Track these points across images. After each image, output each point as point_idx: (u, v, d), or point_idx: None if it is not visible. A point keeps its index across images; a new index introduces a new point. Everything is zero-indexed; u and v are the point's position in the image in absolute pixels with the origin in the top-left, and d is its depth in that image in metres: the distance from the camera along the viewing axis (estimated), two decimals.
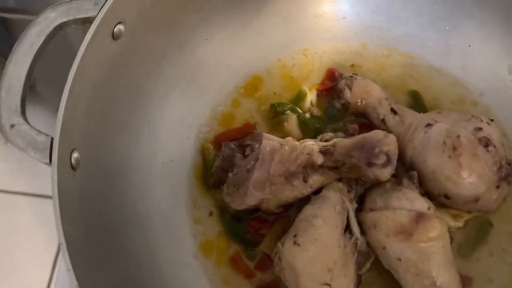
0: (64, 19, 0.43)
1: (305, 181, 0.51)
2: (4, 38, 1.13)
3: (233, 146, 0.54)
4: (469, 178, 0.49)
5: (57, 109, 0.40)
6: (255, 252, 0.54)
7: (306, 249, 0.47)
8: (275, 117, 0.59)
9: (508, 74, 0.60)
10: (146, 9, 0.49)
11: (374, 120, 0.56)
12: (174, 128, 0.57)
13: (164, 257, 0.52)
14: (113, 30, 0.46)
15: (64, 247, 0.36)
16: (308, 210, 0.51)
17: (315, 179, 0.51)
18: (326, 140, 0.53)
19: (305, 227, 0.49)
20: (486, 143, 0.50)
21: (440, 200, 0.52)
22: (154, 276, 0.50)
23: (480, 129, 0.51)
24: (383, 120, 0.55)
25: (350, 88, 0.56)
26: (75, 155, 0.42)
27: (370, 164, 0.48)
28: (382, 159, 0.48)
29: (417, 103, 0.60)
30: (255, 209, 0.54)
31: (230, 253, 0.55)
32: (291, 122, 0.59)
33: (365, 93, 0.56)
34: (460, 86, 0.61)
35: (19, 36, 1.16)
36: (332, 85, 0.60)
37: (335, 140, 0.52)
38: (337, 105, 0.58)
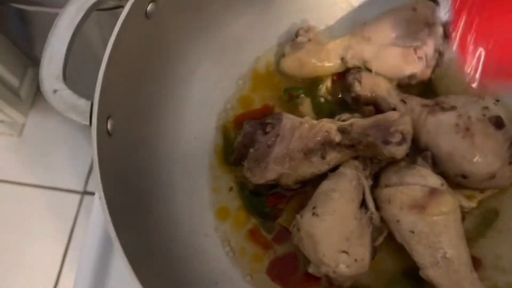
0: None
1: (322, 157, 0.54)
2: (21, 31, 1.16)
3: (255, 124, 0.57)
4: (484, 157, 0.51)
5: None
6: (273, 226, 0.57)
7: (325, 219, 0.50)
8: (289, 101, 0.62)
9: None
10: None
11: (386, 110, 0.58)
12: (197, 106, 0.60)
13: (186, 226, 0.55)
14: (147, 9, 0.48)
15: (103, 200, 0.39)
16: (325, 184, 0.53)
17: (333, 156, 0.54)
18: (343, 120, 0.55)
19: (324, 199, 0.51)
20: (496, 121, 0.52)
21: (457, 180, 0.53)
22: (177, 243, 0.53)
23: (487, 108, 0.53)
24: (394, 109, 0.57)
25: (359, 82, 0.58)
26: (111, 121, 0.45)
27: (386, 142, 0.51)
28: (397, 138, 0.51)
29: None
30: (274, 185, 0.57)
31: (249, 226, 0.57)
32: (306, 105, 0.61)
33: (375, 84, 0.59)
34: None
35: (35, 28, 1.19)
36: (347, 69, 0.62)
37: (352, 119, 0.54)
38: (348, 99, 0.60)
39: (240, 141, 0.57)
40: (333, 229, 0.49)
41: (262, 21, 0.63)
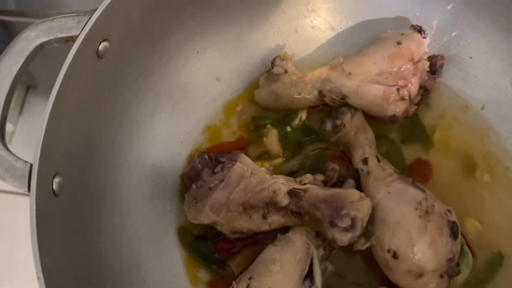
0: (46, 39, 0.42)
1: (264, 217, 0.50)
2: (6, 41, 1.12)
3: (206, 158, 0.52)
4: (427, 249, 0.46)
5: None
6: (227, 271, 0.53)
7: None
8: (256, 131, 0.58)
9: (510, 87, 0.58)
10: (133, 24, 0.47)
11: (356, 156, 0.54)
12: (165, 144, 0.56)
13: (154, 278, 0.51)
14: (98, 48, 0.44)
15: (42, 282, 0.35)
16: (269, 251, 0.49)
17: (275, 219, 0.50)
18: (303, 184, 0.50)
19: (261, 271, 0.47)
20: (453, 227, 0.48)
21: (383, 255, 0.48)
22: None
23: (450, 211, 0.49)
24: (365, 159, 0.53)
25: (352, 116, 0.55)
26: (57, 179, 0.41)
27: (332, 224, 0.46)
28: (345, 223, 0.46)
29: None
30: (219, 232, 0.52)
31: (206, 278, 0.53)
32: (272, 136, 0.57)
33: (362, 128, 0.55)
34: (460, 99, 0.59)
35: None
36: (325, 103, 0.58)
37: (308, 186, 0.49)
38: (328, 126, 0.56)
39: (186, 173, 0.53)
40: None
41: (233, 50, 0.59)
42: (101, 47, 0.44)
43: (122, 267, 0.49)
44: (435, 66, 0.56)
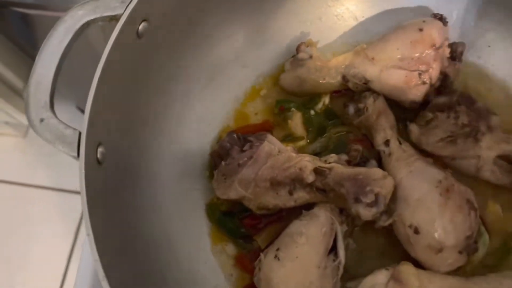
0: (91, 17, 0.44)
1: (290, 193, 0.51)
2: (25, 34, 1.15)
3: (234, 137, 0.54)
4: (447, 225, 0.48)
5: (76, 105, 0.41)
6: (253, 245, 0.55)
7: (284, 265, 0.48)
8: (280, 114, 0.60)
9: None
10: (170, 7, 0.49)
11: (377, 139, 0.56)
12: (193, 124, 0.58)
13: (182, 250, 0.53)
14: (138, 28, 0.46)
15: (91, 238, 0.37)
16: (295, 225, 0.51)
17: (300, 195, 0.52)
18: (328, 163, 0.52)
19: (288, 243, 0.49)
20: (472, 206, 0.50)
21: (405, 231, 0.50)
22: (172, 269, 0.51)
23: (469, 191, 0.51)
24: (387, 141, 0.55)
25: (374, 100, 0.56)
26: (101, 149, 0.43)
27: (356, 200, 0.48)
28: (370, 199, 0.47)
29: None
30: (245, 208, 0.54)
31: (233, 252, 0.55)
32: (296, 119, 0.59)
33: (384, 112, 0.56)
34: (481, 85, 0.60)
35: (39, 31, 1.19)
36: (347, 88, 0.60)
37: (333, 164, 0.51)
38: (351, 109, 0.58)
39: (216, 151, 0.55)
40: (291, 277, 0.47)
41: (260, 36, 0.61)
42: (141, 27, 0.47)
43: (154, 238, 0.51)
44: (455, 52, 0.57)
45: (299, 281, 0.47)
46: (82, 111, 1.37)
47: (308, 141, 0.59)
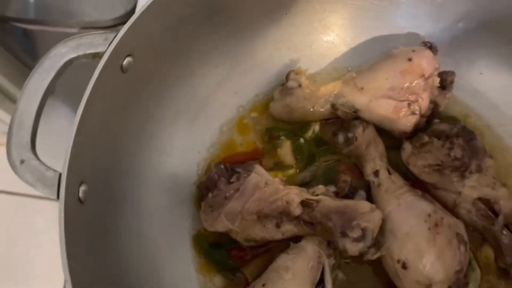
0: (74, 54, 0.44)
1: (277, 226, 0.51)
2: (25, 47, 1.17)
3: (222, 168, 0.54)
4: (435, 260, 0.48)
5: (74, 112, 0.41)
6: (240, 278, 0.54)
7: None
8: (270, 142, 0.60)
9: None
10: (155, 41, 0.49)
11: (367, 169, 0.56)
12: (183, 154, 0.58)
13: (170, 283, 0.53)
14: (122, 63, 0.46)
15: (69, 284, 0.37)
16: (281, 259, 0.51)
17: (288, 228, 0.51)
18: (316, 195, 0.52)
19: (274, 278, 0.49)
20: (462, 240, 0.49)
21: (394, 266, 0.49)
22: None
23: (458, 224, 0.51)
24: (376, 172, 0.55)
25: (364, 129, 0.56)
26: (83, 188, 0.43)
27: (343, 234, 0.47)
28: (356, 233, 0.47)
29: None
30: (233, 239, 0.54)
31: (220, 283, 0.55)
32: (285, 147, 0.59)
33: (374, 141, 0.56)
34: (470, 114, 0.60)
35: (39, 45, 1.20)
36: (337, 116, 0.59)
37: (320, 196, 0.51)
38: (340, 138, 0.57)
39: (203, 182, 0.55)
40: None
41: (248, 64, 0.61)
42: (125, 62, 0.46)
43: (141, 272, 0.51)
44: (445, 82, 0.57)
45: None
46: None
47: (297, 170, 0.59)
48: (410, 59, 0.55)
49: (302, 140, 0.60)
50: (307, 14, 0.60)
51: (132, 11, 0.95)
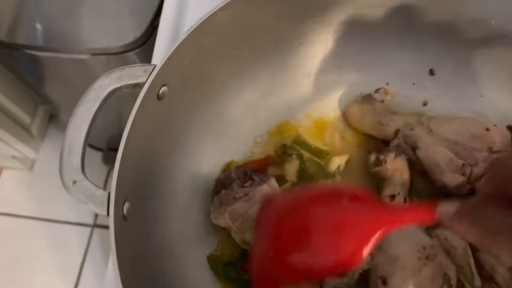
0: (117, 85, 0.49)
1: None
2: (33, 73, 1.20)
3: (241, 171, 0.58)
4: (415, 286, 0.50)
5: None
6: None
7: None
8: (281, 156, 0.65)
9: None
10: (185, 71, 0.54)
11: (385, 190, 0.59)
12: (207, 172, 0.63)
13: None
14: (158, 92, 0.51)
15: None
16: None
17: None
18: None
19: None
20: (448, 282, 0.52)
21: (375, 280, 0.52)
22: None
23: (451, 269, 0.53)
24: (393, 196, 0.58)
25: (396, 155, 0.59)
26: (127, 205, 0.47)
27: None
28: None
29: None
30: (244, 255, 0.58)
31: None
32: (292, 165, 0.64)
33: (401, 170, 0.59)
34: None
35: (46, 71, 1.23)
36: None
37: None
38: (372, 157, 0.61)
39: (220, 178, 0.59)
40: None
41: (267, 89, 0.66)
42: (161, 91, 0.51)
43: (175, 283, 0.55)
44: None
45: None
46: (92, 147, 1.40)
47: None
48: (487, 129, 0.57)
49: (309, 165, 0.64)
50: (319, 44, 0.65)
51: (141, 37, 1.00)
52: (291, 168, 0.64)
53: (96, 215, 1.55)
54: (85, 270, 1.45)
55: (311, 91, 0.68)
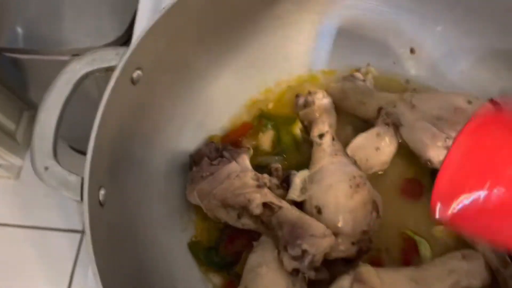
0: (89, 69, 0.48)
1: (238, 217, 0.54)
2: (15, 77, 1.18)
3: (213, 147, 0.58)
4: (347, 213, 0.52)
5: (68, 145, 0.43)
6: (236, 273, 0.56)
7: None
8: (258, 125, 0.65)
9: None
10: (161, 55, 0.53)
11: (314, 130, 0.60)
12: (186, 156, 0.60)
13: (182, 283, 0.56)
14: (132, 76, 0.50)
15: (98, 279, 0.39)
16: (252, 259, 0.52)
17: (247, 222, 0.54)
18: (264, 183, 0.55)
19: (253, 278, 0.50)
20: (376, 208, 0.53)
21: (311, 210, 0.53)
22: None
23: (379, 197, 0.54)
24: (321, 135, 0.59)
25: (324, 97, 0.61)
26: (102, 191, 0.46)
27: (285, 248, 0.49)
28: (295, 252, 0.48)
29: None
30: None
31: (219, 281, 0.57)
32: (267, 136, 0.64)
33: (328, 111, 0.61)
34: None
35: (29, 74, 1.21)
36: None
37: (285, 204, 0.53)
38: (300, 100, 0.63)
39: (193, 154, 0.59)
40: None
41: (247, 74, 0.65)
42: (135, 74, 0.50)
43: (158, 273, 0.54)
44: None
45: None
46: (74, 149, 1.37)
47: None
48: (470, 102, 0.56)
49: (283, 136, 0.64)
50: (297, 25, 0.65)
51: (122, 37, 0.98)
52: (266, 139, 0.64)
53: None
54: (76, 277, 1.42)
55: (289, 73, 0.67)
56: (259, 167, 0.58)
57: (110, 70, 0.48)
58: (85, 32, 1.00)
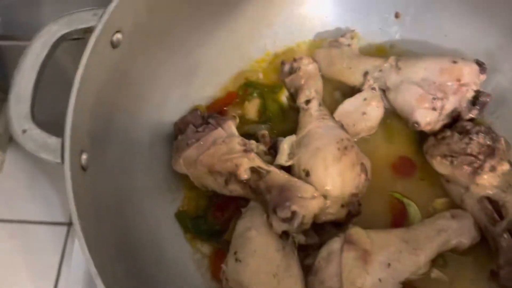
0: (66, 30, 0.46)
1: (226, 183, 0.53)
2: None
3: (197, 115, 0.56)
4: (336, 175, 0.51)
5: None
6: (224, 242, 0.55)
7: (248, 263, 0.48)
8: (243, 94, 0.64)
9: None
10: (142, 18, 0.51)
11: (301, 96, 0.59)
12: (171, 121, 0.59)
13: (170, 253, 0.55)
14: (112, 39, 0.48)
15: (82, 241, 0.38)
16: (240, 225, 0.52)
17: (235, 188, 0.53)
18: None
19: (242, 242, 0.50)
20: (364, 170, 0.53)
21: (299, 173, 0.53)
22: (161, 270, 0.53)
23: (366, 160, 0.54)
24: (308, 101, 0.58)
25: (309, 63, 0.60)
26: (84, 156, 0.44)
27: (274, 211, 0.48)
28: (285, 214, 0.48)
29: None
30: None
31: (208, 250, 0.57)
32: (252, 104, 0.63)
33: (314, 77, 0.60)
34: None
35: (6, 61, 1.18)
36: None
37: (272, 168, 0.52)
38: (286, 67, 0.62)
39: (178, 122, 0.57)
40: (259, 270, 0.48)
41: (228, 41, 0.64)
42: (114, 38, 0.48)
43: (143, 242, 0.53)
44: (478, 99, 0.56)
45: (266, 270, 0.48)
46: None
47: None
48: (455, 62, 0.57)
49: (269, 104, 0.63)
50: None
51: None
52: (252, 107, 0.63)
53: None
54: (64, 269, 1.40)
55: (273, 41, 0.66)
56: (246, 136, 0.57)
57: (88, 32, 0.47)
58: None
